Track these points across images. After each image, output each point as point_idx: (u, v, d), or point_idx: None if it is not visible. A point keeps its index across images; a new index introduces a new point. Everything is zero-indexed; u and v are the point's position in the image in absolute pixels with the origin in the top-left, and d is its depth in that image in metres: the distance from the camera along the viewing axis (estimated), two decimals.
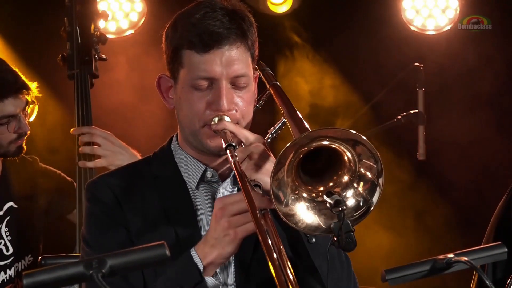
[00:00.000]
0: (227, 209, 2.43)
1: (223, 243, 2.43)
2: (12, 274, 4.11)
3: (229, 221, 2.42)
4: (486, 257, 2.63)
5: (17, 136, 4.07)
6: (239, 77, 2.62)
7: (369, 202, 2.39)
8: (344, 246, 2.32)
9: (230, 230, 2.42)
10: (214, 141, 2.62)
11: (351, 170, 2.41)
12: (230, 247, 2.43)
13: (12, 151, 4.09)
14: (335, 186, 2.42)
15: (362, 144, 2.36)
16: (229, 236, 2.42)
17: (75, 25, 4.33)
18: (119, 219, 2.64)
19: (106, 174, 2.81)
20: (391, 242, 5.69)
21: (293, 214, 2.38)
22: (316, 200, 2.41)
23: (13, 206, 4.16)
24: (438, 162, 6.05)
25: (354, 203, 2.40)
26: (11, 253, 4.13)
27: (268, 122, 2.90)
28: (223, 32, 2.57)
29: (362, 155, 2.38)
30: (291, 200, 2.38)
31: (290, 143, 2.32)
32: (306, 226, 2.39)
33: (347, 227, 2.32)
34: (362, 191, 2.40)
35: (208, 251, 2.45)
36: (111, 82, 5.51)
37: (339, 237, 2.32)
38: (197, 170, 2.70)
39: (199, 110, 2.62)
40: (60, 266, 2.09)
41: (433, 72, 5.93)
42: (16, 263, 4.14)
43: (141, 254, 2.14)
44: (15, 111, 4.03)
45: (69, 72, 4.31)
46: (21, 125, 4.05)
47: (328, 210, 2.36)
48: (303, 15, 5.97)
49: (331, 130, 2.39)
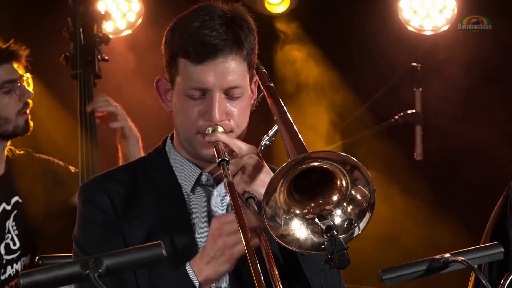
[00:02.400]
0: (224, 229, 2.46)
1: (219, 261, 2.47)
2: (19, 269, 4.13)
3: (225, 241, 2.45)
4: (482, 257, 2.64)
5: (23, 105, 4.12)
6: (233, 88, 2.62)
7: (358, 223, 2.40)
8: (338, 265, 2.34)
9: (226, 250, 2.46)
10: (207, 150, 2.63)
11: (342, 190, 2.41)
12: (226, 266, 2.48)
13: (21, 126, 4.15)
14: (326, 204, 2.43)
15: (358, 169, 2.36)
16: (225, 256, 2.46)
17: (78, 25, 4.36)
18: (115, 225, 2.64)
19: (101, 177, 2.80)
20: (387, 242, 5.69)
21: (287, 235, 2.40)
22: (308, 217, 2.42)
23: (18, 201, 4.19)
24: (435, 162, 6.06)
25: (347, 222, 2.41)
26: (18, 247, 4.14)
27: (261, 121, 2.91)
28: (219, 43, 2.57)
29: (358, 180, 2.38)
30: (284, 221, 2.40)
31: (279, 169, 2.32)
32: (300, 246, 2.41)
33: (340, 245, 2.34)
34: (351, 211, 2.41)
35: (203, 268, 2.49)
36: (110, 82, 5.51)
37: (332, 256, 2.34)
38: (192, 174, 2.71)
39: (192, 119, 2.62)
40: (57, 266, 2.10)
41: (431, 72, 5.94)
42: (23, 257, 4.16)
43: (138, 254, 2.14)
44: (13, 77, 4.07)
45: (72, 72, 4.35)
46: (24, 90, 4.12)
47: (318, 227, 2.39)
48: (301, 16, 5.97)
49: (330, 153, 2.38)
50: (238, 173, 2.52)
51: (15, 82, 4.11)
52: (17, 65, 4.16)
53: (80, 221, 2.70)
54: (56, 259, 3.68)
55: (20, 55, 4.16)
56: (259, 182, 2.50)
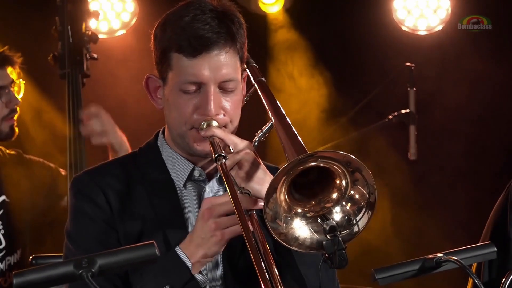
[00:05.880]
0: (215, 210, 2.45)
1: (209, 243, 2.46)
2: (4, 268, 4.11)
3: (216, 222, 2.45)
4: (475, 257, 2.64)
5: (8, 112, 4.10)
6: (227, 82, 2.62)
7: (357, 223, 2.40)
8: (336, 265, 2.34)
9: (217, 231, 2.45)
10: (201, 145, 2.63)
11: (341, 189, 2.41)
12: (216, 247, 2.47)
13: (5, 132, 4.13)
14: (326, 201, 2.43)
15: (360, 170, 2.36)
16: (216, 237, 2.45)
17: (67, 24, 4.34)
18: (108, 219, 2.63)
19: (94, 170, 2.78)
20: (382, 242, 5.70)
21: (286, 233, 2.39)
22: (308, 216, 2.42)
23: (5, 200, 4.17)
24: (429, 162, 6.06)
25: (346, 220, 2.41)
26: (3, 246, 4.13)
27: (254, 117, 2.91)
28: (212, 36, 2.57)
29: (358, 181, 2.38)
30: (284, 219, 2.39)
31: (284, 167, 2.31)
32: (299, 245, 2.40)
33: (339, 245, 2.34)
34: (350, 210, 2.41)
35: (194, 250, 2.48)
36: (102, 82, 5.51)
37: (331, 255, 2.34)
38: (184, 169, 2.71)
39: (186, 114, 2.62)
40: (50, 265, 2.10)
41: (425, 72, 5.95)
42: (8, 256, 4.15)
43: (131, 253, 2.15)
44: (3, 83, 4.05)
45: (60, 72, 4.32)
46: (12, 98, 4.10)
47: (320, 227, 2.39)
48: (295, 15, 5.98)
49: (332, 153, 2.36)
50: (234, 168, 2.52)
51: (4, 88, 4.08)
52: (11, 70, 4.14)
53: (72, 214, 2.69)
54: (50, 259, 3.68)
55: (15, 61, 4.14)
56: (256, 179, 2.51)
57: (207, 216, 2.45)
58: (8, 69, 4.14)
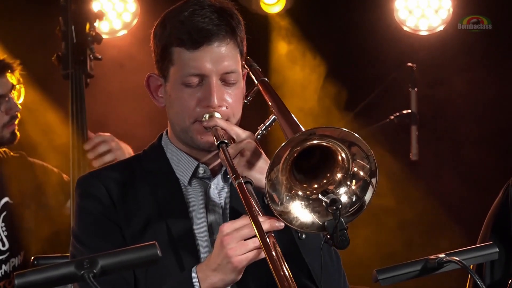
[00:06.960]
0: (233, 236, 2.38)
1: (225, 270, 2.40)
2: (8, 270, 4.11)
3: (233, 248, 2.37)
4: (477, 257, 2.64)
5: (9, 119, 4.09)
6: (229, 74, 2.63)
7: (362, 200, 2.40)
8: (338, 244, 2.34)
9: (233, 259, 2.37)
10: (205, 137, 2.63)
11: (344, 168, 2.42)
12: (233, 275, 2.41)
13: (6, 137, 4.12)
14: (329, 184, 2.43)
15: (357, 144, 2.37)
16: (232, 265, 2.38)
17: (70, 24, 4.34)
18: (113, 216, 2.64)
19: (97, 171, 2.81)
20: (383, 241, 5.70)
21: (288, 212, 2.39)
22: (310, 197, 2.42)
23: (8, 202, 4.17)
24: (431, 162, 6.06)
25: (347, 200, 2.41)
26: (7, 248, 4.13)
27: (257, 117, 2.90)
28: (213, 28, 2.59)
29: (356, 154, 2.39)
30: (285, 199, 2.40)
31: (285, 142, 2.33)
32: (300, 224, 2.40)
33: (341, 225, 2.34)
34: (355, 189, 2.42)
35: (209, 275, 2.43)
36: (105, 82, 5.51)
37: (333, 234, 2.34)
38: (189, 166, 2.71)
39: (189, 107, 2.63)
40: (52, 266, 2.10)
41: (427, 72, 5.95)
42: (12, 258, 4.15)
43: (133, 254, 2.14)
44: (3, 91, 4.05)
45: (63, 72, 4.32)
46: (12, 105, 4.09)
47: (322, 208, 2.39)
48: (296, 16, 5.98)
49: (328, 129, 2.38)
50: (237, 157, 2.53)
51: (3, 97, 4.07)
52: (10, 75, 4.12)
53: (78, 214, 2.70)
54: (52, 260, 3.67)
55: (14, 67, 4.13)
56: (258, 168, 2.52)
57: (226, 242, 2.38)
58: (8, 76, 4.12)
